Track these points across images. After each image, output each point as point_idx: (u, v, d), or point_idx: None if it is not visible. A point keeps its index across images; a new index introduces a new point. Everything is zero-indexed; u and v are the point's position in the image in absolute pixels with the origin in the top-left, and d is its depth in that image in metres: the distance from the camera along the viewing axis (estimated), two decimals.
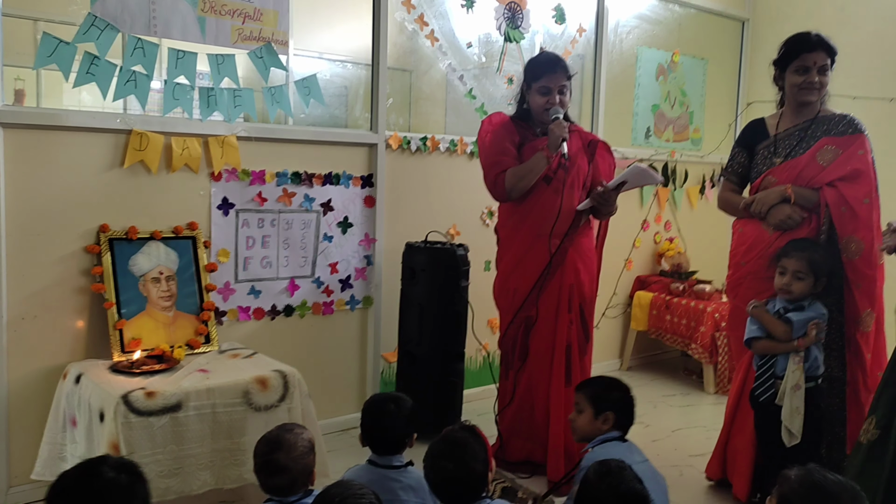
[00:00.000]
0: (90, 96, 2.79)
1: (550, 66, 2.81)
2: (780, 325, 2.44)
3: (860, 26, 4.57)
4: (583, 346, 2.89)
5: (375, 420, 2.10)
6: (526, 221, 2.88)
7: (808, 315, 2.43)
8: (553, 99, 2.79)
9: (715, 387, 4.15)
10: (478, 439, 1.90)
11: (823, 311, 2.45)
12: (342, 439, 3.30)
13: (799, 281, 2.45)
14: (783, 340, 2.44)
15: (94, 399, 2.32)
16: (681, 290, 4.39)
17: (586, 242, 2.93)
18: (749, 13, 5.17)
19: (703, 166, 5.01)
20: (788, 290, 2.47)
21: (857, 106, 3.02)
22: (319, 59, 3.39)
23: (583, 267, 2.88)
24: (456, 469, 1.80)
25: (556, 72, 2.80)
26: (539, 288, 2.83)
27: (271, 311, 3.17)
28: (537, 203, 2.83)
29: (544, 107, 2.80)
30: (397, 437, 2.07)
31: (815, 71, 2.61)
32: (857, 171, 2.54)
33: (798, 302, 2.47)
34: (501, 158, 2.85)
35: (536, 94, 2.83)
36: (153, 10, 2.73)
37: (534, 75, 2.84)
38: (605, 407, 2.24)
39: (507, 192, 2.84)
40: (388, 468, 2.06)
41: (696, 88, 4.96)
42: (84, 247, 2.67)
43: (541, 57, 2.95)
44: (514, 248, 2.93)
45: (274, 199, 3.12)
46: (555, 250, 2.80)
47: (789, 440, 2.41)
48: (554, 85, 2.79)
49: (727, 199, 2.87)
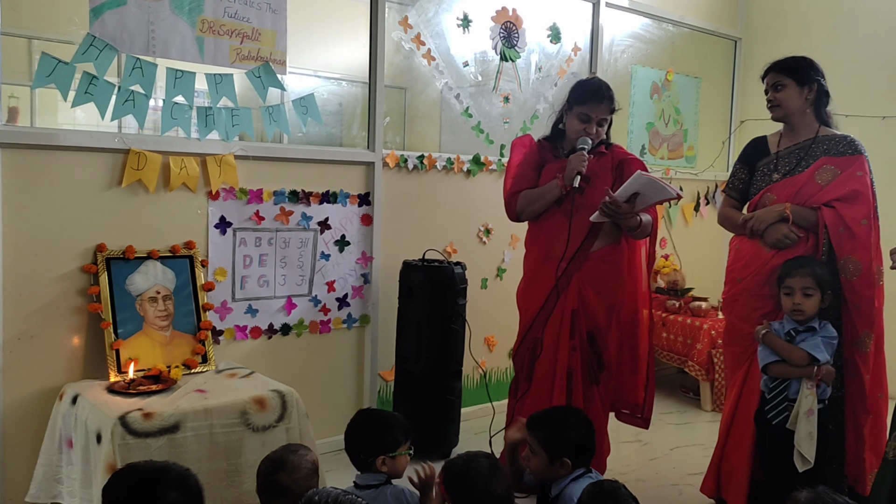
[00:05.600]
0: (84, 114, 2.79)
1: (597, 95, 2.77)
2: (797, 351, 2.41)
3: (851, 45, 4.62)
4: (592, 375, 2.82)
5: (356, 437, 2.11)
6: (536, 242, 2.91)
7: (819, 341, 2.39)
8: (591, 129, 2.77)
9: (712, 404, 4.15)
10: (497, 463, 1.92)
11: (834, 332, 2.43)
12: (339, 459, 3.26)
13: (808, 298, 2.42)
14: (800, 366, 2.41)
15: (91, 420, 2.30)
16: (677, 308, 4.40)
17: (605, 269, 2.80)
18: (741, 32, 5.23)
19: (697, 183, 5.04)
20: (801, 309, 2.42)
21: (850, 124, 3.05)
22: (314, 77, 3.40)
23: (594, 293, 2.78)
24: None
25: (601, 102, 2.77)
26: (547, 311, 2.82)
27: (268, 330, 3.16)
28: (546, 224, 2.85)
29: (580, 134, 2.77)
30: (361, 449, 2.06)
31: (771, 89, 2.71)
32: (855, 192, 2.55)
33: (807, 322, 2.44)
34: (519, 180, 2.91)
35: (575, 119, 2.80)
36: (152, 31, 2.74)
37: (577, 99, 2.80)
38: (561, 452, 2.08)
39: (517, 213, 2.93)
40: (366, 488, 2.05)
41: (690, 106, 5.00)
42: (81, 266, 2.65)
43: (591, 83, 2.87)
44: (527, 268, 2.97)
45: (271, 217, 3.12)
46: (560, 274, 2.78)
47: (802, 465, 2.37)
48: (595, 115, 2.77)
49: (727, 214, 2.89)
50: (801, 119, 2.71)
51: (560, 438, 2.10)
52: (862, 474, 2.61)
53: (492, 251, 3.93)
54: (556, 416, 2.22)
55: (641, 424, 2.97)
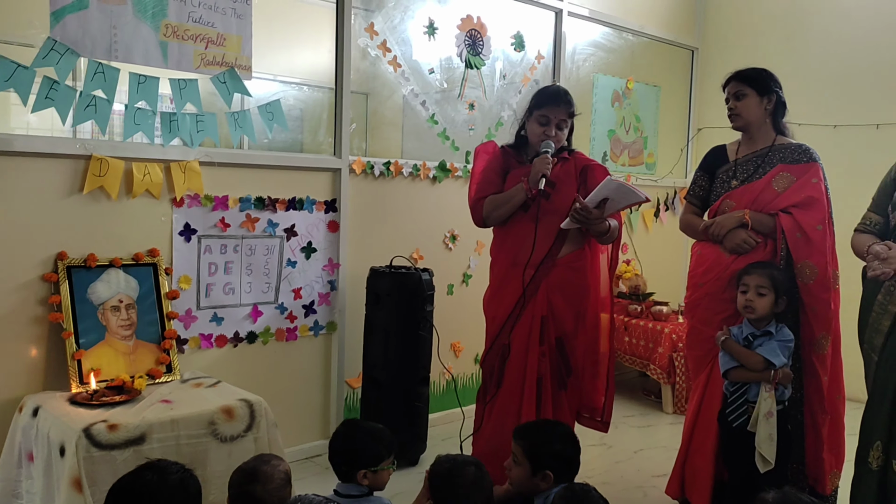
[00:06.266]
0: (38, 119, 2.72)
1: (555, 98, 2.84)
2: (754, 357, 2.47)
3: (804, 57, 4.77)
4: (561, 381, 2.85)
5: (340, 448, 2.08)
6: (503, 249, 2.89)
7: (775, 345, 2.46)
8: (550, 131, 2.81)
9: (673, 406, 4.23)
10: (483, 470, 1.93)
11: (790, 335, 2.49)
12: (306, 467, 3.26)
13: (761, 297, 2.48)
14: (757, 370, 2.46)
15: (53, 433, 2.24)
16: (638, 312, 4.47)
17: (571, 275, 2.83)
18: (698, 42, 5.35)
19: (657, 190, 5.14)
20: (752, 307, 2.49)
21: (803, 133, 3.14)
22: (274, 82, 3.35)
23: (562, 299, 2.82)
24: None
25: (558, 105, 2.82)
26: (514, 318, 2.82)
27: (234, 339, 3.12)
28: (513, 230, 2.84)
29: (540, 137, 2.82)
30: (350, 461, 2.05)
31: (732, 98, 2.78)
32: (810, 199, 2.63)
33: (764, 327, 2.50)
34: (484, 186, 2.90)
35: (535, 123, 2.85)
36: (114, 35, 2.69)
37: (537, 103, 2.86)
38: (545, 464, 2.05)
39: (483, 218, 2.90)
40: (347, 497, 2.04)
41: (650, 114, 5.10)
42: (41, 275, 2.59)
43: (549, 88, 2.96)
44: (494, 275, 2.94)
45: (237, 224, 3.09)
46: (528, 281, 2.79)
47: (763, 466, 2.42)
48: (554, 117, 2.81)
49: (688, 221, 2.95)
50: (759, 128, 2.79)
51: (545, 450, 2.08)
52: (821, 474, 2.68)
53: (458, 257, 3.95)
54: (544, 428, 2.21)
55: (601, 428, 2.99)
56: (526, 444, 2.09)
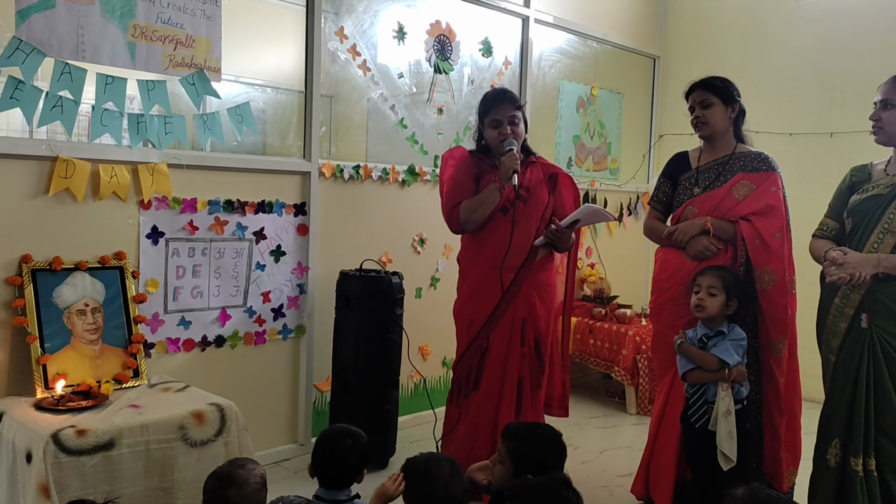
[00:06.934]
0: (4, 119, 2.67)
1: (497, 99, 2.90)
2: (708, 357, 2.54)
3: (761, 66, 4.92)
4: (537, 380, 2.91)
5: (329, 454, 2.08)
6: (482, 253, 2.90)
7: (728, 345, 2.54)
8: (504, 130, 2.86)
9: (637, 408, 4.31)
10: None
11: (742, 334, 2.57)
12: (275, 471, 3.24)
13: (712, 297, 2.55)
14: (712, 370, 2.54)
15: (19, 439, 2.21)
16: (603, 315, 4.55)
17: (544, 276, 2.93)
18: (660, 51, 5.47)
19: (620, 195, 5.23)
20: (702, 305, 2.56)
21: (760, 140, 3.23)
22: (236, 83, 3.32)
23: (539, 301, 2.89)
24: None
25: (502, 104, 2.87)
26: (493, 320, 2.85)
27: (202, 342, 3.10)
28: (492, 234, 2.87)
29: (499, 139, 2.86)
30: (349, 472, 2.06)
31: (699, 106, 2.82)
32: (769, 207, 2.72)
33: (717, 327, 2.58)
34: (457, 191, 2.90)
35: (489, 129, 2.90)
36: (82, 35, 2.66)
37: (484, 110, 2.91)
38: (527, 468, 2.01)
39: (461, 224, 2.89)
40: (334, 503, 2.05)
41: (613, 121, 5.20)
42: (5, 278, 2.54)
43: (488, 92, 3.01)
44: (470, 279, 2.95)
45: (206, 227, 3.06)
46: (509, 283, 2.83)
47: (726, 464, 2.49)
48: (503, 116, 2.86)
49: (652, 226, 3.02)
50: (722, 137, 2.87)
51: (530, 455, 2.06)
52: (779, 471, 2.77)
53: (426, 261, 3.98)
54: (533, 432, 2.18)
55: (563, 414, 3.07)
56: (512, 446, 2.09)
